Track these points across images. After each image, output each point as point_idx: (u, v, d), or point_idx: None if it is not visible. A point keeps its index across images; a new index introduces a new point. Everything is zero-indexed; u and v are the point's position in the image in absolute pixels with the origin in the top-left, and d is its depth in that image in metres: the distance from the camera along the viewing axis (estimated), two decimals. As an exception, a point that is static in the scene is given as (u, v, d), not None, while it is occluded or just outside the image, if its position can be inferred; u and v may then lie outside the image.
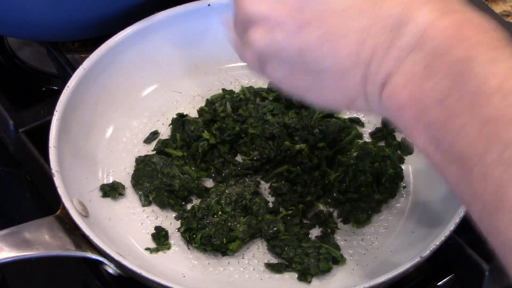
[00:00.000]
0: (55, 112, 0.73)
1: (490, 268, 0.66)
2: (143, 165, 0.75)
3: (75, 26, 0.82)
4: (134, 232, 0.72)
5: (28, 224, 0.65)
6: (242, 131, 0.78)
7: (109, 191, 0.74)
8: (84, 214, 0.68)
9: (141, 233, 0.72)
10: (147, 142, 0.79)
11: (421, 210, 0.73)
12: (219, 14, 0.84)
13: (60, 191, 0.66)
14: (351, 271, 0.69)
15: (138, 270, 0.62)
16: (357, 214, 0.72)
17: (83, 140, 0.76)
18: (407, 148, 0.77)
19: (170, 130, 0.79)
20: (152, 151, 0.78)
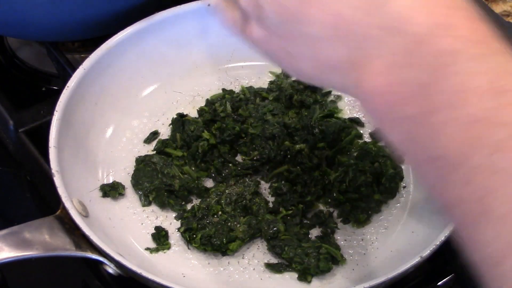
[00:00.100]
0: (55, 112, 0.72)
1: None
2: (143, 165, 0.75)
3: (75, 26, 0.82)
4: (134, 232, 0.72)
5: (28, 224, 0.65)
6: (242, 131, 0.78)
7: (109, 191, 0.74)
8: (84, 214, 0.68)
9: (141, 233, 0.72)
10: (147, 142, 0.79)
11: (421, 210, 0.73)
12: (219, 14, 0.84)
13: (60, 191, 0.66)
14: (351, 271, 0.69)
15: (138, 270, 0.62)
16: (357, 214, 0.72)
17: (83, 140, 0.76)
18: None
19: (170, 130, 0.79)
20: (152, 151, 0.78)
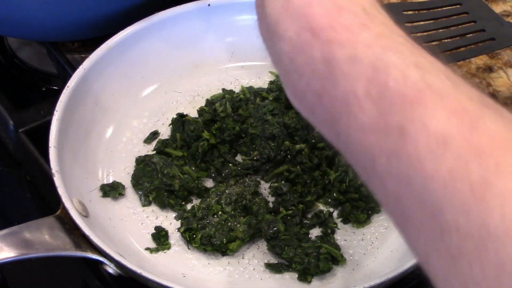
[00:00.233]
0: (55, 112, 0.73)
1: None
2: (143, 165, 0.75)
3: (75, 26, 0.82)
4: (134, 232, 0.72)
5: (28, 224, 0.65)
6: (242, 131, 0.78)
7: (109, 191, 0.74)
8: (84, 214, 0.68)
9: (141, 233, 0.72)
10: (147, 142, 0.79)
11: (421, 210, 0.73)
12: (219, 14, 0.84)
13: (60, 191, 0.66)
14: (351, 271, 0.69)
15: (138, 270, 0.62)
16: (357, 214, 0.72)
17: (83, 140, 0.76)
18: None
19: (170, 130, 0.79)
20: (152, 151, 0.78)
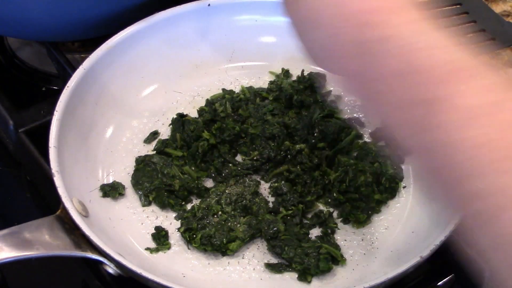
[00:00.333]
0: (55, 112, 0.72)
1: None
2: (143, 165, 0.75)
3: (75, 26, 0.82)
4: (134, 232, 0.72)
5: (28, 224, 0.65)
6: (242, 131, 0.78)
7: (109, 191, 0.74)
8: (84, 214, 0.68)
9: (141, 233, 0.72)
10: (147, 142, 0.79)
11: (421, 210, 0.73)
12: (219, 14, 0.84)
13: (60, 191, 0.66)
14: (351, 271, 0.69)
15: (138, 270, 0.62)
16: (357, 214, 0.72)
17: (83, 140, 0.76)
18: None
19: (170, 130, 0.79)
20: (152, 151, 0.78)
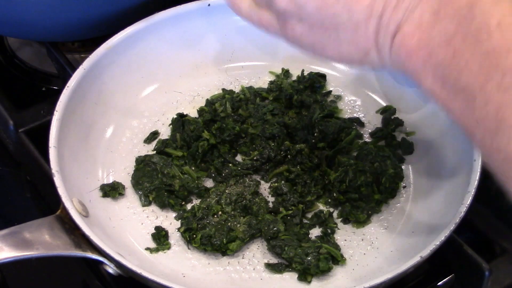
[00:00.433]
0: (55, 112, 0.72)
1: (490, 268, 0.66)
2: (143, 165, 0.75)
3: (75, 26, 0.82)
4: (134, 232, 0.72)
5: (28, 224, 0.65)
6: (242, 131, 0.78)
7: (109, 191, 0.74)
8: (84, 214, 0.68)
9: (141, 233, 0.72)
10: (147, 142, 0.79)
11: (421, 210, 0.73)
12: (219, 14, 0.84)
13: (60, 191, 0.66)
14: (351, 271, 0.69)
15: (138, 270, 0.62)
16: (357, 214, 0.72)
17: (83, 140, 0.76)
18: (407, 148, 0.77)
19: (170, 130, 0.79)
20: (152, 151, 0.78)
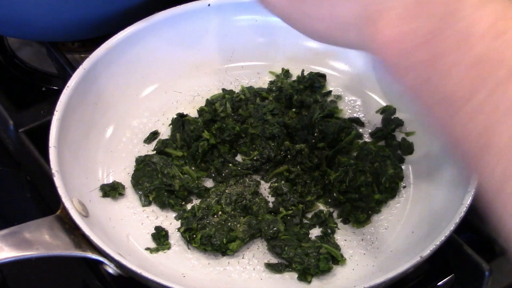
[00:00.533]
0: (55, 112, 0.72)
1: (490, 268, 0.66)
2: (143, 165, 0.75)
3: (75, 26, 0.82)
4: (134, 232, 0.72)
5: (28, 224, 0.65)
6: (242, 131, 0.78)
7: (109, 191, 0.74)
8: (84, 214, 0.68)
9: (141, 233, 0.72)
10: (147, 142, 0.79)
11: (421, 210, 0.73)
12: (219, 14, 0.84)
13: (60, 191, 0.66)
14: (351, 271, 0.69)
15: (138, 270, 0.62)
16: (357, 214, 0.72)
17: (83, 140, 0.76)
18: (407, 148, 0.77)
19: (170, 130, 0.79)
20: (152, 151, 0.78)
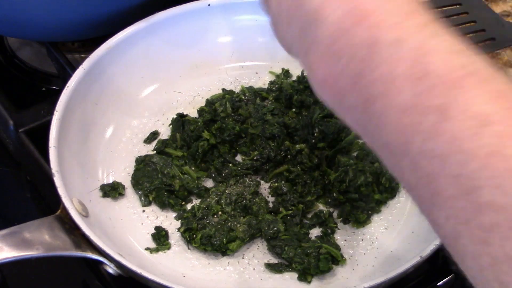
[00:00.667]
0: (55, 112, 0.72)
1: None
2: (143, 165, 0.75)
3: (75, 26, 0.82)
4: (134, 232, 0.72)
5: (28, 224, 0.65)
6: (242, 131, 0.78)
7: (109, 191, 0.74)
8: (84, 214, 0.68)
9: (141, 233, 0.72)
10: (147, 142, 0.79)
11: (421, 210, 0.73)
12: (219, 14, 0.84)
13: (60, 191, 0.66)
14: (351, 271, 0.69)
15: (138, 270, 0.62)
16: (357, 214, 0.72)
17: (83, 139, 0.76)
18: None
19: (170, 130, 0.80)
20: (152, 151, 0.78)
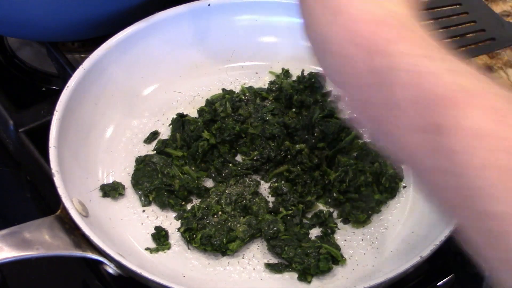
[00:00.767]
0: (55, 112, 0.72)
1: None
2: (143, 165, 0.75)
3: (75, 26, 0.82)
4: (134, 232, 0.72)
5: (28, 224, 0.65)
6: (242, 131, 0.78)
7: (109, 191, 0.74)
8: (84, 214, 0.68)
9: (141, 233, 0.72)
10: (147, 142, 0.79)
11: (421, 210, 0.73)
12: (219, 14, 0.84)
13: (60, 191, 0.66)
14: (351, 271, 0.69)
15: (138, 270, 0.62)
16: (357, 214, 0.72)
17: (83, 139, 0.76)
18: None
19: (170, 130, 0.79)
20: (152, 151, 0.78)
